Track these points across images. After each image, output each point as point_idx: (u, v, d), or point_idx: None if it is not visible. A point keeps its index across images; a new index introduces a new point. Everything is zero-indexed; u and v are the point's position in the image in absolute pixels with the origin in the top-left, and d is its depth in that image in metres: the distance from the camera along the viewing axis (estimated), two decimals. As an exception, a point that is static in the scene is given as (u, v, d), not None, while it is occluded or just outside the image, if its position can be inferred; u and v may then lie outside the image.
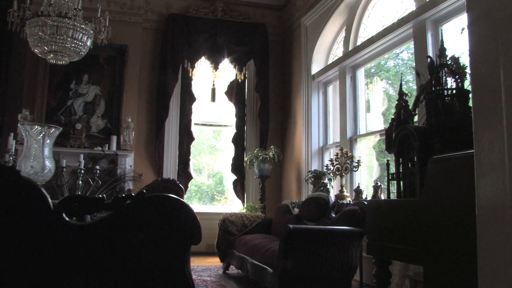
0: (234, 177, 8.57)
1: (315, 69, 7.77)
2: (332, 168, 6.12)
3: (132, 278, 2.17)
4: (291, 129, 8.37)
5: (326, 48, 7.77)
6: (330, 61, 7.61)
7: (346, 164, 5.94)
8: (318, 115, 7.72)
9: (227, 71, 8.67)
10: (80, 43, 5.41)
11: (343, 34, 7.26)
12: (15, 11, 5.33)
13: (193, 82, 8.51)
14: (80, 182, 5.51)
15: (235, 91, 8.69)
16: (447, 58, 3.40)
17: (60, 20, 5.19)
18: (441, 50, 3.46)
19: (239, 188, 8.52)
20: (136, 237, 2.17)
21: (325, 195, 5.41)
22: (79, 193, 5.48)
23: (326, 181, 6.51)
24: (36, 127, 4.48)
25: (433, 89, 3.38)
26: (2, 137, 7.11)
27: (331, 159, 6.21)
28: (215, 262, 6.84)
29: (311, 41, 7.85)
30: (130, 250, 2.17)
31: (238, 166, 8.54)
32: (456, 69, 3.33)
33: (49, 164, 4.51)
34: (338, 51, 7.52)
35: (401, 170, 3.47)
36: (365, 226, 4.00)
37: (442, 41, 3.52)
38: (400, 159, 3.48)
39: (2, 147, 6.27)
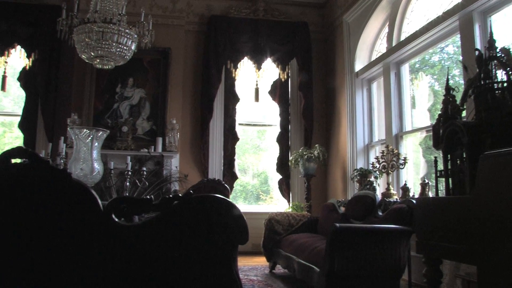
0: (279, 176, 8.56)
1: (358, 66, 7.68)
2: (378, 166, 6.03)
3: (180, 278, 2.19)
4: (336, 127, 8.29)
5: (369, 44, 7.66)
6: (373, 58, 7.51)
7: (392, 161, 5.84)
8: (362, 112, 7.62)
9: (270, 70, 8.66)
10: (125, 48, 5.51)
11: (386, 29, 7.15)
12: (63, 20, 5.49)
13: (236, 83, 8.55)
14: (128, 183, 5.60)
15: (278, 91, 8.68)
16: (497, 50, 3.30)
17: (105, 26, 5.31)
18: (490, 42, 3.35)
19: (285, 187, 8.50)
20: (183, 237, 2.19)
21: (372, 193, 5.33)
22: (127, 194, 5.57)
23: (372, 179, 6.42)
24: (85, 130, 4.59)
25: (482, 82, 3.28)
26: (53, 141, 7.33)
27: (377, 156, 6.13)
28: (261, 261, 6.85)
29: (353, 38, 7.76)
30: (178, 250, 2.19)
31: (283, 166, 8.52)
32: (507, 61, 3.22)
33: (97, 166, 4.60)
34: (381, 47, 7.41)
35: (449, 167, 3.39)
36: (413, 224, 3.93)
37: (491, 33, 3.41)
38: (449, 156, 3.40)
39: (53, 150, 6.46)
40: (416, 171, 6.41)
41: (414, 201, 4.09)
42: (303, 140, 8.53)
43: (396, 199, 5.49)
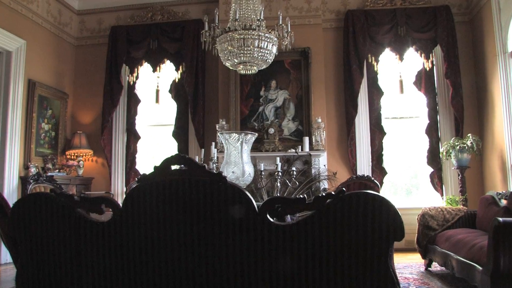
0: (430, 169, 8.21)
1: (512, 45, 7.09)
2: (542, 153, 5.53)
3: (336, 275, 2.20)
4: (489, 114, 7.74)
5: (524, 20, 7.03)
6: (529, 35, 6.87)
7: (559, 147, 5.31)
8: (520, 95, 7.02)
9: (413, 60, 8.38)
10: (266, 51, 5.66)
11: (544, 0, 6.50)
12: (206, 31, 5.81)
13: (378, 76, 8.39)
14: (278, 184, 5.75)
15: (424, 80, 8.33)
16: None
17: (246, 33, 5.50)
18: None
19: (437, 180, 8.14)
20: (338, 235, 2.20)
21: (537, 183, 4.90)
22: (277, 194, 5.72)
23: (536, 167, 5.90)
24: (234, 134, 4.80)
25: None
26: (204, 146, 7.78)
27: (540, 143, 5.62)
28: (415, 258, 6.64)
29: (504, 15, 7.15)
30: (332, 248, 2.21)
31: (433, 158, 8.18)
32: None
33: (248, 168, 4.79)
34: (538, 22, 6.75)
35: None
36: None
37: None
38: None
39: (206, 156, 6.84)
40: None
41: None
42: (454, 130, 8.11)
43: None
